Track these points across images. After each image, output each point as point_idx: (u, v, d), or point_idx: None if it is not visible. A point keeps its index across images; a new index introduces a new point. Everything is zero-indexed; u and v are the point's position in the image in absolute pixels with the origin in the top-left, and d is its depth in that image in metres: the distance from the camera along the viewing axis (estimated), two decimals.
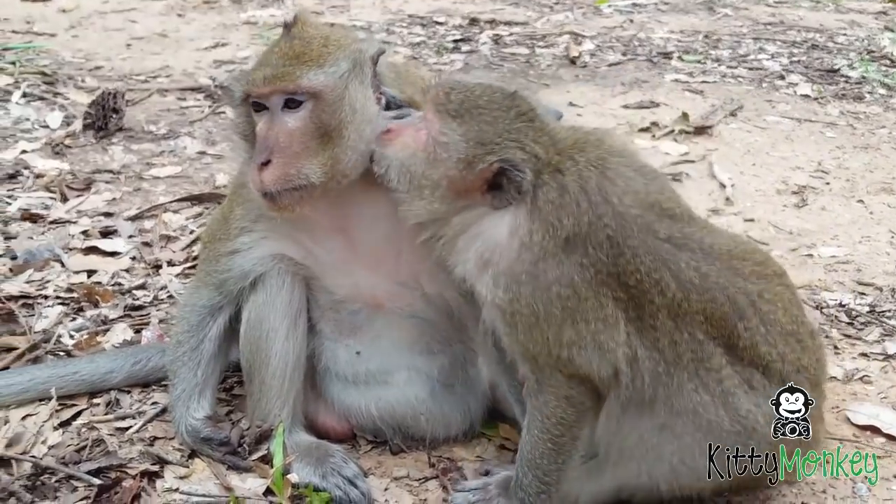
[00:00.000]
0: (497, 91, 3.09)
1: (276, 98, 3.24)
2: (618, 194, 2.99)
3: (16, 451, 3.59)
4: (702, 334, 3.02)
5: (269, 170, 3.19)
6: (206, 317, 3.71)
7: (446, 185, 3.02)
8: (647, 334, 3.00)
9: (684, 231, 3.08)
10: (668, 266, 2.98)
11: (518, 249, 2.95)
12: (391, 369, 3.67)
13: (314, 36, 3.35)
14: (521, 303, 2.94)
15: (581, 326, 2.94)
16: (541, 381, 3.05)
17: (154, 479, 3.49)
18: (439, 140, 3.02)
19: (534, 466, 3.14)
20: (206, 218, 5.73)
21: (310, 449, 3.54)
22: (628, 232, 2.95)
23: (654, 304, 2.97)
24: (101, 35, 10.04)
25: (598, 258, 2.93)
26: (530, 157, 2.98)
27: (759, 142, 7.31)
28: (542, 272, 2.92)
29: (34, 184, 6.12)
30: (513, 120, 3.03)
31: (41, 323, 4.47)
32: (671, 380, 3.02)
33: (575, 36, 10.62)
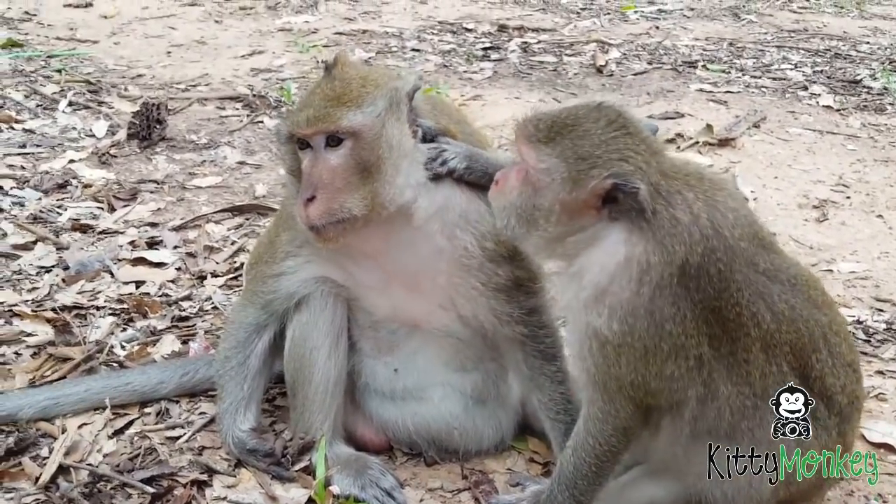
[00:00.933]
0: (581, 107, 3.09)
1: (319, 138, 3.38)
2: (728, 227, 2.98)
3: (74, 459, 3.76)
4: (787, 366, 3.07)
5: (315, 205, 3.33)
6: (252, 334, 3.87)
7: (559, 209, 2.98)
8: (739, 368, 3.02)
9: (775, 262, 3.11)
10: (764, 298, 3.01)
11: (637, 278, 2.91)
12: (427, 386, 3.81)
13: (353, 77, 3.48)
14: (634, 336, 2.93)
15: (681, 362, 2.96)
16: (607, 412, 3.08)
17: (203, 487, 3.64)
18: (539, 168, 2.99)
19: (571, 486, 3.22)
20: (247, 228, 5.89)
21: (350, 461, 3.69)
22: (736, 266, 2.98)
23: (749, 336, 3.00)
24: (142, 42, 10.20)
25: (707, 293, 2.94)
26: (636, 168, 2.92)
27: (781, 154, 7.38)
28: (659, 308, 2.91)
29: (82, 193, 6.29)
30: (605, 130, 2.98)
31: (94, 334, 4.63)
32: (756, 412, 3.06)
33: (602, 44, 10.70)
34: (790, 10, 13.14)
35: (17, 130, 7.33)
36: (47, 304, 4.89)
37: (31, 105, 7.85)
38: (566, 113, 3.07)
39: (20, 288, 5.05)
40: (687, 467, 3.21)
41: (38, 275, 5.20)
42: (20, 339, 4.56)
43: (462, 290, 3.60)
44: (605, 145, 2.94)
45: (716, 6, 13.19)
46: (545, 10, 12.68)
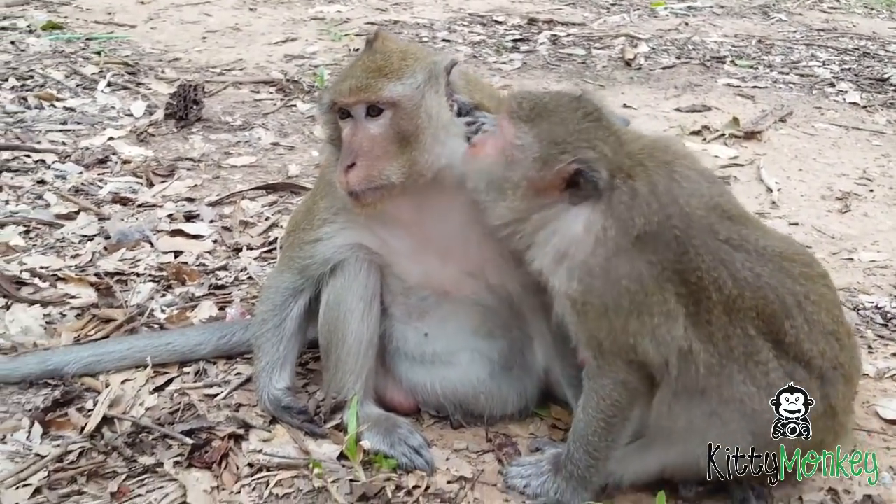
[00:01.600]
0: (564, 95, 3.36)
1: (360, 107, 3.55)
2: (685, 196, 3.21)
3: (117, 411, 3.95)
4: (753, 330, 3.22)
5: (354, 171, 3.50)
6: (289, 298, 4.03)
7: (526, 185, 3.25)
8: (703, 329, 3.21)
9: (741, 233, 3.29)
10: (726, 265, 3.20)
11: (593, 245, 3.18)
12: (455, 351, 3.96)
13: (394, 50, 3.65)
14: (592, 294, 3.18)
15: (645, 318, 3.17)
16: (601, 367, 3.30)
17: (240, 441, 3.82)
18: (515, 143, 3.25)
19: (585, 443, 3.40)
20: (280, 206, 6.08)
21: (380, 420, 3.85)
22: (693, 232, 3.18)
23: (711, 300, 3.19)
24: (178, 27, 10.42)
25: (665, 256, 3.16)
26: (602, 156, 3.18)
27: (806, 148, 7.50)
28: (614, 267, 3.15)
29: (122, 169, 6.50)
30: (580, 120, 3.25)
31: (135, 298, 4.83)
32: (723, 371, 3.22)
33: (630, 38, 10.83)
34: (820, 9, 13.23)
35: (58, 108, 7.56)
36: (90, 269, 5.10)
37: (71, 84, 8.08)
38: (550, 98, 3.35)
39: (64, 254, 5.26)
40: (671, 425, 3.37)
41: (80, 243, 5.41)
42: (65, 300, 4.76)
43: (491, 259, 3.75)
44: (577, 133, 3.23)
45: (745, 4, 13.29)
46: (575, 4, 12.82)
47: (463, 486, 3.63)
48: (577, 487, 3.47)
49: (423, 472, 3.67)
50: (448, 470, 3.71)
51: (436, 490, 3.60)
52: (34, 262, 5.12)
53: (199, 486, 3.54)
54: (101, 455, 3.70)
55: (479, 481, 3.66)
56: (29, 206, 5.79)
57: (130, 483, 3.57)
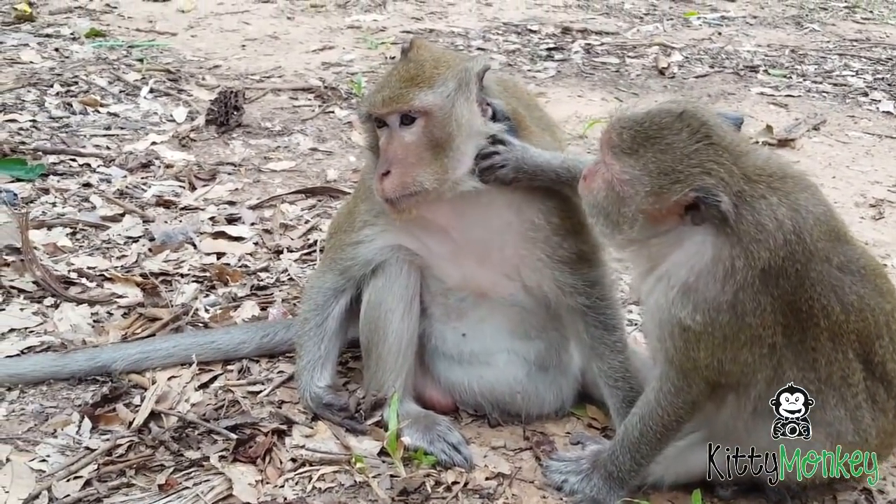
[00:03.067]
0: (665, 114, 3.16)
1: (394, 116, 3.62)
2: (808, 229, 3.10)
3: (164, 406, 4.04)
4: (852, 353, 3.22)
5: (390, 179, 3.58)
6: (331, 298, 4.10)
7: (642, 218, 3.14)
8: (807, 355, 3.19)
9: (848, 254, 3.24)
10: (836, 291, 3.16)
11: (723, 279, 3.08)
12: (493, 351, 4.01)
13: (426, 59, 3.71)
14: (714, 327, 3.11)
15: (755, 349, 3.16)
16: (680, 388, 3.28)
17: (283, 436, 3.89)
18: (622, 179, 3.14)
19: (634, 450, 3.43)
20: (319, 209, 6.17)
21: (419, 417, 3.91)
22: (812, 265, 3.12)
23: (818, 327, 3.16)
24: (218, 35, 10.54)
25: (785, 290, 3.10)
26: (718, 180, 3.04)
27: (840, 156, 7.50)
28: (741, 302, 3.08)
29: (165, 173, 6.61)
30: (687, 142, 3.08)
31: (180, 298, 4.93)
32: (818, 395, 3.22)
33: (664, 47, 10.86)
34: (853, 20, 13.18)
35: (101, 114, 7.69)
36: (135, 270, 5.20)
37: (114, 91, 8.21)
38: (649, 122, 3.16)
39: (110, 255, 5.37)
40: (744, 441, 3.38)
41: (125, 244, 5.52)
42: (112, 300, 4.87)
43: (528, 261, 3.82)
44: (687, 159, 3.07)
45: (778, 15, 13.27)
46: (608, 14, 12.86)
47: (501, 482, 3.69)
48: (615, 487, 3.51)
49: (462, 469, 3.72)
50: (486, 467, 3.76)
51: (474, 486, 3.65)
52: (81, 262, 5.23)
53: (245, 479, 3.62)
54: (148, 449, 3.78)
55: (517, 478, 3.72)
56: (75, 209, 5.91)
57: (178, 476, 3.65)
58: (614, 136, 3.19)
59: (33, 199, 6.00)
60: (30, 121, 7.33)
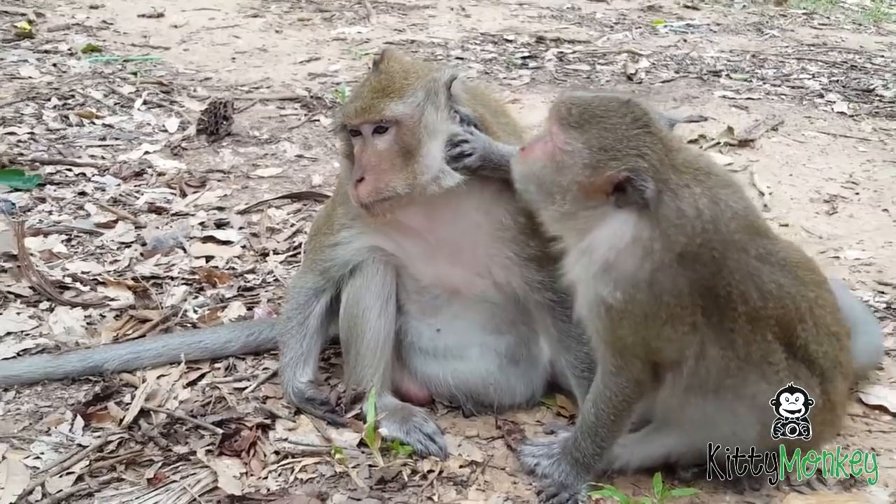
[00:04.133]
0: (612, 100, 3.23)
1: (367, 126, 3.62)
2: (725, 221, 3.15)
3: (153, 404, 4.01)
4: (771, 336, 3.24)
5: (363, 185, 3.58)
6: (311, 297, 4.08)
7: (576, 189, 3.18)
8: (726, 336, 3.21)
9: (767, 247, 3.28)
10: (754, 279, 3.19)
11: (641, 258, 3.12)
12: (466, 345, 4.00)
13: (397, 70, 3.70)
14: (634, 304, 3.15)
15: (677, 327, 3.17)
16: (619, 366, 3.29)
17: (267, 430, 3.87)
18: (565, 150, 3.19)
19: (593, 434, 3.43)
20: (304, 213, 6.14)
21: (396, 409, 3.89)
22: (729, 253, 3.15)
23: (736, 311, 3.18)
24: (209, 49, 10.49)
25: (702, 274, 3.13)
26: (650, 165, 3.10)
27: (796, 154, 7.49)
28: (658, 281, 3.12)
29: (157, 180, 6.57)
30: (629, 126, 3.15)
31: (170, 300, 4.90)
32: (740, 372, 3.24)
33: (632, 54, 10.83)
34: (811, 26, 13.20)
35: (97, 125, 7.65)
36: (128, 273, 5.17)
37: (109, 103, 8.17)
38: (598, 102, 3.22)
39: (103, 260, 5.34)
40: (681, 417, 3.41)
41: (118, 249, 5.48)
42: (104, 303, 4.83)
43: (497, 259, 3.81)
44: (626, 141, 3.13)
45: (741, 22, 13.27)
46: (581, 23, 12.83)
47: (474, 469, 3.67)
48: (581, 472, 3.50)
49: (437, 458, 3.71)
50: (460, 455, 3.75)
51: (449, 474, 3.63)
52: (76, 267, 5.20)
53: (230, 472, 3.59)
54: (138, 445, 3.75)
55: (489, 465, 3.70)
56: (71, 217, 5.88)
57: (166, 470, 3.62)
58: (564, 110, 3.24)
59: (30, 208, 5.97)
60: (28, 133, 7.29)
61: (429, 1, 13.73)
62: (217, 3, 12.70)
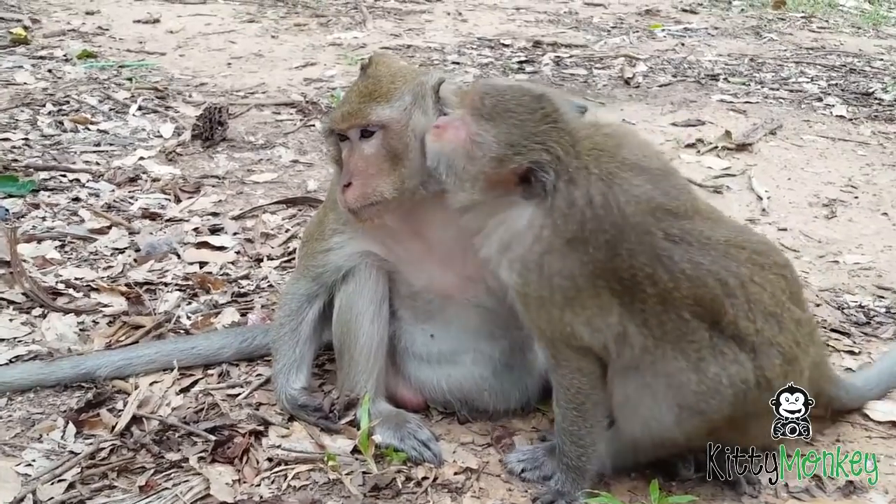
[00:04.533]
0: (526, 94, 3.28)
1: (353, 131, 3.63)
2: (621, 205, 3.16)
3: (146, 411, 3.98)
4: (688, 314, 3.18)
5: (351, 190, 3.59)
6: (304, 303, 4.06)
7: (483, 179, 3.25)
8: (637, 315, 3.20)
9: (684, 227, 3.23)
10: (662, 261, 3.16)
11: (531, 241, 3.20)
12: (460, 351, 3.98)
13: (384, 74, 3.69)
14: (529, 287, 3.23)
15: (577, 310, 3.19)
16: (556, 357, 3.34)
17: (260, 437, 3.85)
18: (475, 140, 3.25)
19: (568, 434, 3.42)
20: (299, 218, 6.12)
21: (390, 416, 3.87)
22: (625, 237, 3.14)
23: (645, 292, 3.17)
24: (205, 54, 10.49)
25: (596, 257, 3.15)
26: (553, 158, 3.17)
27: (795, 158, 7.49)
28: (547, 263, 3.18)
29: (151, 186, 6.55)
30: (538, 122, 3.21)
31: (163, 306, 4.88)
32: (656, 350, 3.22)
33: (629, 59, 10.83)
34: (810, 29, 13.19)
35: (91, 131, 7.63)
36: (121, 280, 5.14)
37: (104, 109, 8.15)
38: (512, 95, 3.27)
39: (97, 266, 5.32)
40: (614, 400, 3.39)
41: (112, 255, 5.46)
42: (97, 309, 4.81)
43: None
44: (533, 136, 3.20)
45: (739, 25, 13.27)
46: (577, 28, 12.83)
47: (469, 476, 3.65)
48: (576, 478, 3.47)
49: (432, 465, 3.68)
50: (455, 462, 3.72)
51: (443, 481, 3.61)
52: (69, 273, 5.18)
53: (222, 479, 3.57)
54: (130, 452, 3.73)
55: (484, 472, 3.68)
56: (64, 222, 5.85)
57: (158, 477, 3.59)
58: (477, 100, 3.30)
59: (24, 214, 5.95)
60: (22, 139, 7.27)
61: (425, 6, 13.76)
62: (213, 9, 12.72)
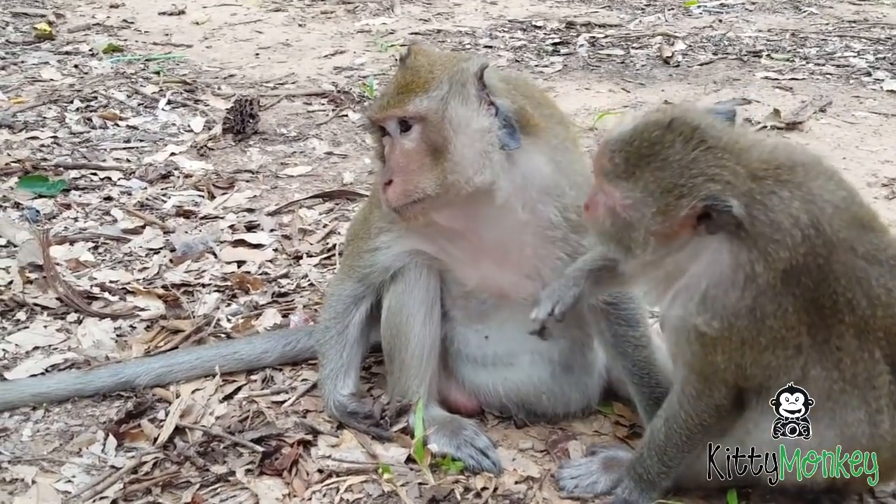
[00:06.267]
0: (654, 128, 2.89)
1: (392, 123, 3.45)
2: (827, 220, 2.81)
3: (189, 421, 3.84)
4: (879, 353, 2.92)
5: (392, 188, 3.41)
6: (351, 305, 3.90)
7: (654, 239, 2.89)
8: (831, 355, 2.90)
9: (874, 242, 2.92)
10: (861, 284, 2.86)
11: (742, 286, 2.82)
12: (516, 352, 3.80)
13: (422, 64, 3.49)
14: (733, 332, 2.87)
15: (779, 352, 2.89)
16: (702, 391, 3.04)
17: (309, 447, 3.69)
18: (625, 205, 2.89)
19: (661, 453, 3.21)
20: (337, 213, 5.96)
21: (445, 422, 3.70)
22: (835, 257, 2.83)
23: (843, 323, 2.87)
24: (232, 45, 10.34)
25: (807, 285, 2.83)
26: (724, 184, 2.78)
27: (848, 136, 7.25)
28: (761, 306, 2.82)
29: (184, 183, 6.42)
30: (683, 152, 2.82)
31: (202, 308, 4.73)
32: (841, 395, 2.94)
33: (667, 37, 10.59)
34: (849, 1, 12.83)
35: (121, 127, 7.51)
36: (157, 282, 5.01)
37: (133, 104, 8.02)
38: (639, 139, 2.89)
39: (132, 268, 5.18)
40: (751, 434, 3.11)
41: (147, 256, 5.33)
42: (134, 313, 4.67)
43: (547, 261, 3.60)
44: (687, 170, 2.81)
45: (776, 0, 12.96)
46: (610, 7, 12.56)
47: (531, 486, 3.48)
48: (646, 489, 3.28)
49: (491, 474, 3.52)
50: (515, 470, 3.56)
51: (504, 491, 3.44)
52: (104, 276, 5.05)
53: (272, 493, 3.42)
54: (174, 465, 3.59)
55: (547, 480, 3.50)
56: (97, 223, 5.73)
57: (204, 492, 3.45)
58: (607, 162, 2.93)
59: (55, 215, 5.83)
60: (51, 137, 7.16)
61: None
62: None
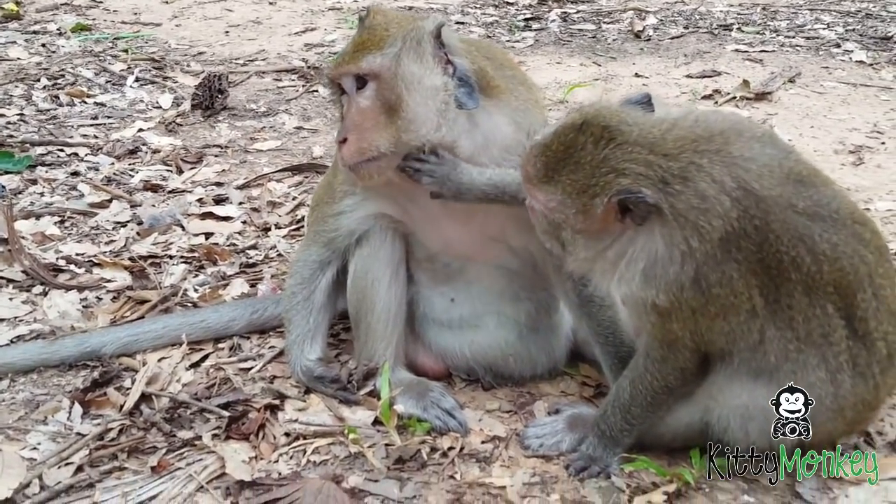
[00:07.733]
0: (569, 132, 2.96)
1: (348, 81, 3.44)
2: (754, 178, 2.83)
3: (155, 388, 3.83)
4: (831, 307, 2.91)
5: (347, 146, 3.40)
6: (317, 271, 3.89)
7: (584, 236, 2.98)
8: (783, 314, 2.91)
9: (814, 197, 2.91)
10: (804, 241, 2.85)
11: (681, 261, 2.85)
12: (482, 314, 3.81)
13: (379, 23, 3.49)
14: (681, 304, 2.90)
15: (731, 318, 2.91)
16: (665, 356, 3.06)
17: (276, 411, 3.69)
18: (550, 207, 2.99)
19: (625, 411, 3.23)
20: (306, 185, 5.95)
21: (412, 384, 3.71)
22: (772, 216, 2.82)
23: (790, 281, 2.87)
24: (201, 23, 10.29)
25: (748, 249, 2.83)
26: (634, 176, 2.83)
27: (816, 106, 7.29)
28: (704, 276, 2.84)
29: (152, 158, 6.39)
30: (593, 153, 2.90)
31: (169, 279, 4.72)
32: (799, 356, 2.95)
33: (638, 11, 10.61)
34: None
35: (88, 104, 7.47)
36: (124, 254, 4.99)
37: (101, 81, 7.98)
38: (556, 143, 2.97)
39: (98, 241, 5.16)
40: (718, 397, 3.14)
41: (114, 229, 5.31)
42: (100, 284, 4.66)
43: (512, 222, 3.60)
44: (598, 170, 2.88)
45: None
46: None
47: (497, 445, 3.49)
48: (609, 445, 3.30)
49: (458, 434, 3.52)
50: (481, 430, 3.57)
51: (470, 450, 3.45)
52: (70, 249, 5.02)
53: (238, 456, 3.41)
54: (140, 431, 3.57)
55: (513, 440, 3.52)
56: (63, 198, 5.70)
57: (170, 457, 3.44)
58: (530, 168, 3.03)
59: (21, 191, 5.79)
60: (17, 115, 7.12)
61: None
62: None
